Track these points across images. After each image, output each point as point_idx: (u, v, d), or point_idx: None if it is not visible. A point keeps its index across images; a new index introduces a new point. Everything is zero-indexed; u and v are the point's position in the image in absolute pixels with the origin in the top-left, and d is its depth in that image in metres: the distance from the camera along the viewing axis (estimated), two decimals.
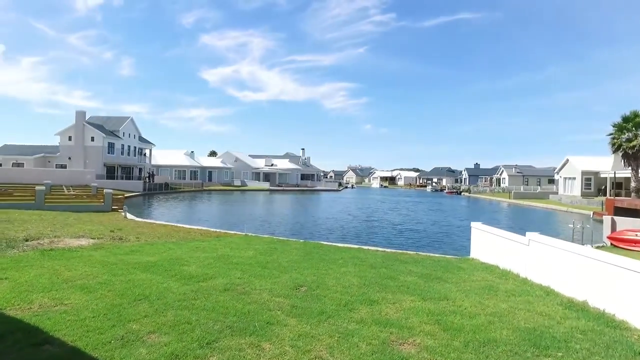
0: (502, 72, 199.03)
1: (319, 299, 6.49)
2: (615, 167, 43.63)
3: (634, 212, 25.03)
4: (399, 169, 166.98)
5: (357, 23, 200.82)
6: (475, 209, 48.40)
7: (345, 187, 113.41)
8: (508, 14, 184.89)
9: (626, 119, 36.19)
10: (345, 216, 32.23)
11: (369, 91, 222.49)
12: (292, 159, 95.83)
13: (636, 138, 35.24)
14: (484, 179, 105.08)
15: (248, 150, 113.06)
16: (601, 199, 40.58)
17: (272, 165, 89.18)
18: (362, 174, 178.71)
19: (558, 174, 56.58)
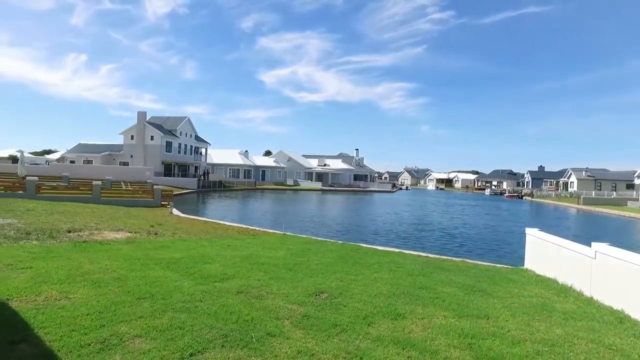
0: (573, 69, 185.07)
1: (337, 309, 5.77)
2: None
3: None
4: (456, 171, 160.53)
5: (415, 22, 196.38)
6: (538, 214, 44.85)
7: (400, 188, 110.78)
8: (581, 5, 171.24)
9: None
10: (395, 218, 31.01)
11: (427, 91, 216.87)
12: (346, 159, 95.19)
13: None
14: (549, 183, 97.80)
15: (302, 150, 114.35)
16: None
17: (325, 165, 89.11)
18: (418, 175, 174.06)
19: None
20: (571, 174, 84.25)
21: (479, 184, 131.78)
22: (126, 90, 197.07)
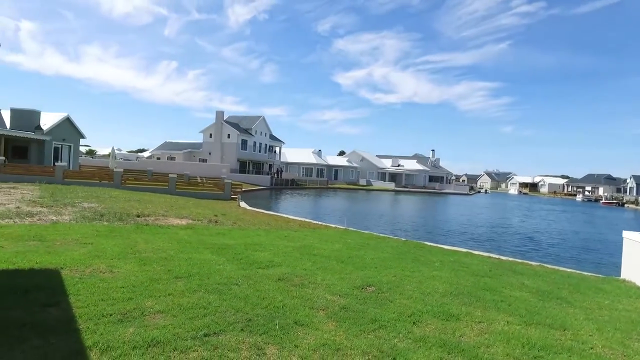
0: None
1: (381, 304, 5.17)
2: None
3: None
4: (543, 175, 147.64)
5: (498, 17, 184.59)
6: None
7: (478, 191, 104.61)
8: None
9: None
10: (470, 220, 29.00)
11: (511, 90, 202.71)
12: (421, 160, 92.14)
13: None
14: None
15: (376, 151, 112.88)
16: None
17: (399, 166, 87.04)
18: (499, 179, 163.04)
19: None
20: None
21: (569, 189, 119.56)
22: (211, 94, 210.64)
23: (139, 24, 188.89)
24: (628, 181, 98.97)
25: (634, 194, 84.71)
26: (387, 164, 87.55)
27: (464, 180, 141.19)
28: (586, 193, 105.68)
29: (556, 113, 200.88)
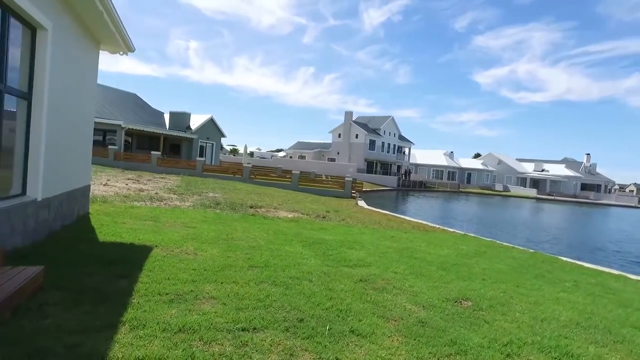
0: None
1: (472, 324, 4.19)
2: None
3: None
4: None
5: None
6: None
7: None
8: None
9: None
10: (632, 237, 23.67)
11: None
12: (571, 165, 79.73)
13: None
14: None
15: (516, 154, 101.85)
16: None
17: (543, 171, 76.85)
18: None
19: None
20: None
21: None
22: (344, 97, 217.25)
23: (281, 34, 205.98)
24: None
25: None
26: (529, 168, 77.94)
27: (632, 191, 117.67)
28: None
29: None
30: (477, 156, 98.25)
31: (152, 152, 24.83)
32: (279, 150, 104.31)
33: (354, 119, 58.51)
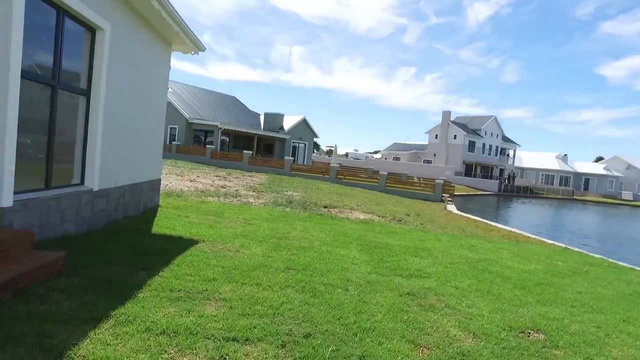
0: None
1: None
2: None
3: None
4: None
5: None
6: None
7: None
8: None
9: None
10: None
11: None
12: None
13: None
14: None
15: None
16: None
17: None
18: None
19: None
20: None
21: None
22: (447, 97, 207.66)
23: (380, 35, 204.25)
24: None
25: None
26: None
27: None
28: None
29: None
30: (598, 160, 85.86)
31: (244, 151, 26.16)
32: (376, 152, 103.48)
33: (452, 119, 55.26)
